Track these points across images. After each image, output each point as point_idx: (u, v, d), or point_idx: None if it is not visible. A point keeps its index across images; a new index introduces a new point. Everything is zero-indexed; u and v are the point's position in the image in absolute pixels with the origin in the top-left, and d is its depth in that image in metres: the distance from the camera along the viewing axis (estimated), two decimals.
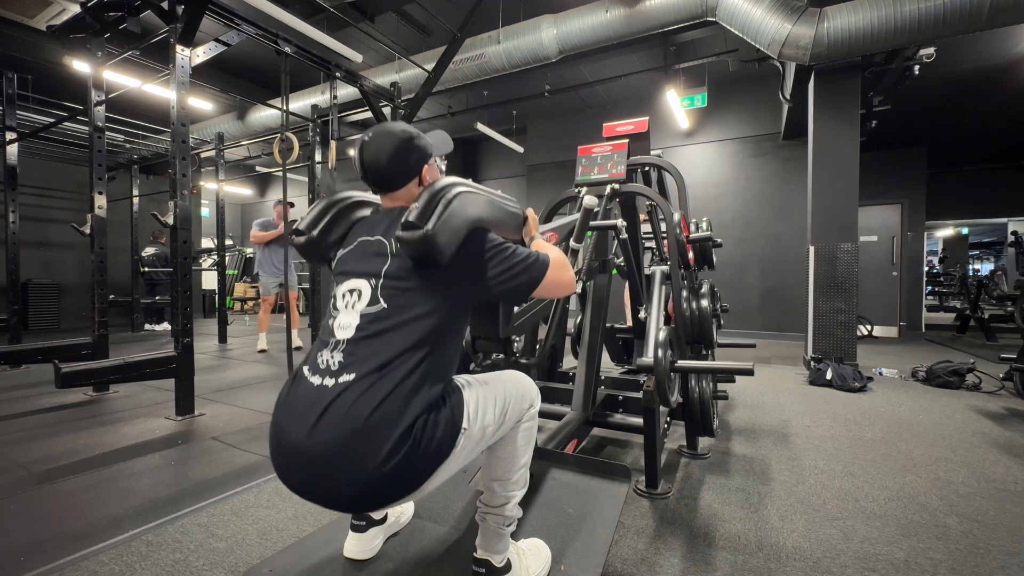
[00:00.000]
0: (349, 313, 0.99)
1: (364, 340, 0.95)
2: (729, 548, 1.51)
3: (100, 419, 2.82)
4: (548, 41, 4.83)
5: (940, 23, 3.55)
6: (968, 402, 3.29)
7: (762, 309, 6.77)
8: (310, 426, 0.90)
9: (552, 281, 1.08)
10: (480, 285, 1.03)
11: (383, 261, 1.01)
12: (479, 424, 1.00)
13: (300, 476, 0.93)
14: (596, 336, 2.11)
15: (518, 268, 1.04)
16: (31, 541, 1.52)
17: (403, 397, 0.91)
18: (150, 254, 7.15)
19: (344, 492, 0.89)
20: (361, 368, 0.92)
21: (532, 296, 1.10)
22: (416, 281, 0.98)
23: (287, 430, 0.94)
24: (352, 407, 0.89)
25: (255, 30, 3.27)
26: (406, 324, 0.96)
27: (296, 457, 0.92)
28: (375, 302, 0.98)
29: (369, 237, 1.07)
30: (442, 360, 0.99)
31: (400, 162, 1.07)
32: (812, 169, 4.44)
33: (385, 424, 0.88)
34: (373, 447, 0.87)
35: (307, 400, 0.94)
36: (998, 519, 1.71)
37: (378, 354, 0.93)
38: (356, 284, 1.02)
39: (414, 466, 0.90)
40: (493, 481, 1.10)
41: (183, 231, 2.83)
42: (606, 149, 2.20)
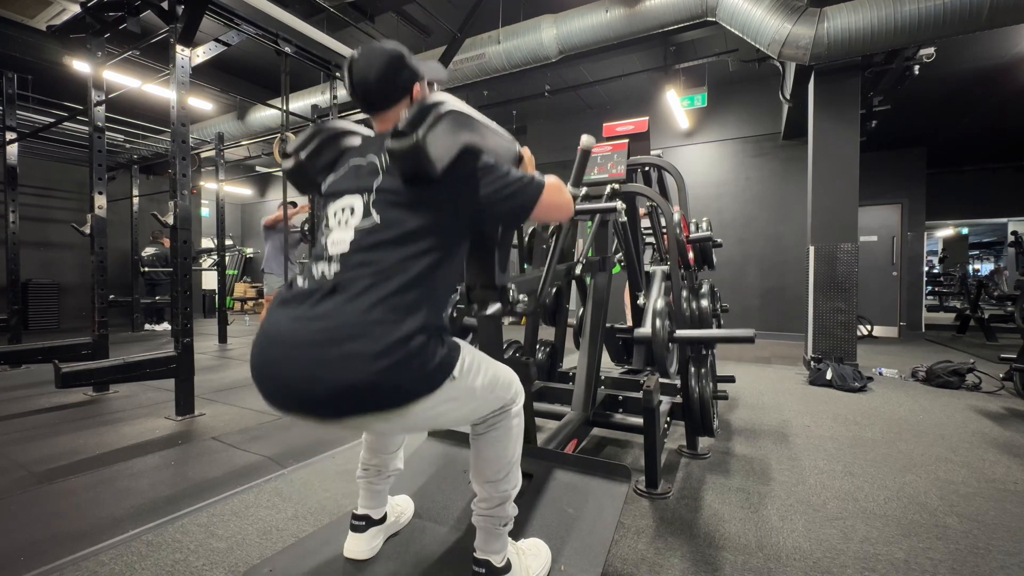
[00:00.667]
0: (343, 230, 0.98)
1: (359, 252, 0.94)
2: (729, 548, 1.51)
3: (100, 419, 2.82)
4: (548, 41, 4.83)
5: (940, 23, 3.55)
6: (968, 402, 3.29)
7: (762, 309, 6.77)
8: (302, 313, 0.91)
9: (548, 202, 1.05)
10: (474, 204, 1.00)
11: (375, 177, 0.99)
12: (467, 382, 0.99)
13: (281, 365, 0.90)
14: (596, 336, 2.10)
15: (513, 187, 1.01)
16: (31, 541, 1.52)
17: (400, 308, 0.90)
18: (150, 254, 7.15)
19: (325, 384, 0.86)
20: (358, 272, 0.92)
21: (530, 219, 1.06)
22: (409, 196, 0.96)
23: (276, 322, 0.94)
24: (349, 302, 0.89)
25: (255, 30, 3.27)
26: (401, 239, 0.94)
27: (283, 344, 0.91)
28: (368, 216, 0.96)
29: (360, 159, 1.05)
30: (438, 289, 0.98)
31: (389, 79, 1.04)
32: (812, 169, 4.44)
33: (381, 326, 0.88)
34: (367, 343, 0.86)
35: (300, 297, 0.94)
36: (998, 519, 1.71)
37: (375, 263, 0.92)
38: (348, 201, 1.00)
39: (401, 379, 0.88)
40: (484, 483, 1.10)
41: (183, 231, 2.83)
42: (606, 149, 2.20)
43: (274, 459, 2.20)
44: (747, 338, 1.71)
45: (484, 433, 1.10)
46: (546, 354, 2.71)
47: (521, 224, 1.08)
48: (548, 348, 2.73)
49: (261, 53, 6.16)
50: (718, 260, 3.35)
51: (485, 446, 1.10)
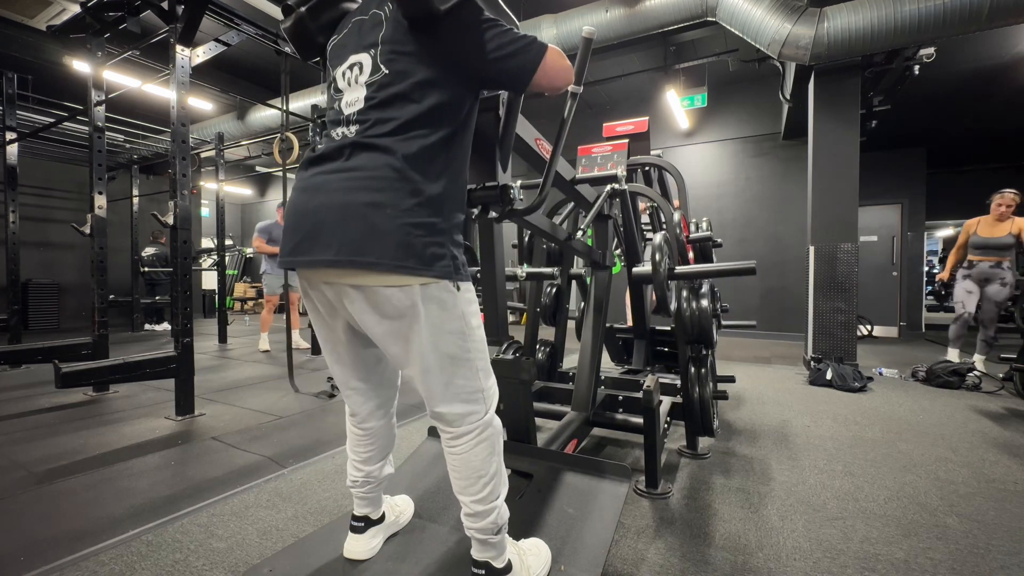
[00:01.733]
0: (355, 89, 0.98)
1: (375, 108, 0.95)
2: (729, 548, 1.51)
3: (100, 419, 2.82)
4: (548, 41, 4.81)
5: (940, 23, 3.55)
6: (968, 402, 3.29)
7: (762, 309, 6.77)
8: (335, 166, 0.95)
9: (552, 64, 1.01)
10: (477, 58, 0.97)
11: (379, 29, 0.97)
12: (463, 307, 1.01)
13: (315, 212, 0.94)
14: (596, 336, 2.11)
15: (516, 45, 0.97)
16: (31, 541, 1.52)
17: (423, 170, 0.93)
18: (150, 254, 7.16)
19: (354, 224, 0.90)
20: (381, 129, 0.94)
21: (531, 88, 1.03)
22: (414, 45, 0.95)
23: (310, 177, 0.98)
24: (377, 157, 0.92)
25: (255, 30, 3.27)
26: (411, 91, 0.94)
27: (316, 191, 0.95)
28: (377, 70, 0.96)
29: (363, 16, 1.02)
30: (458, 160, 1.00)
31: None
32: (812, 169, 4.44)
33: (407, 182, 0.92)
34: (395, 197, 0.91)
35: (327, 156, 0.97)
36: (998, 519, 1.71)
37: (395, 118, 0.93)
38: (356, 58, 0.99)
39: (421, 242, 0.92)
40: (468, 499, 1.06)
41: (183, 231, 2.83)
42: (606, 149, 2.20)
43: (274, 459, 2.20)
44: (748, 269, 1.72)
45: (458, 447, 1.05)
46: (546, 354, 2.71)
47: (525, 88, 1.02)
48: (548, 348, 2.73)
49: (261, 53, 6.16)
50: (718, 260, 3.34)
51: (463, 463, 1.05)
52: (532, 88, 1.03)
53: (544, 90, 1.05)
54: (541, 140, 1.46)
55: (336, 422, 2.75)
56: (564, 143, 1.22)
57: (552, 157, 1.24)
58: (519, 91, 1.08)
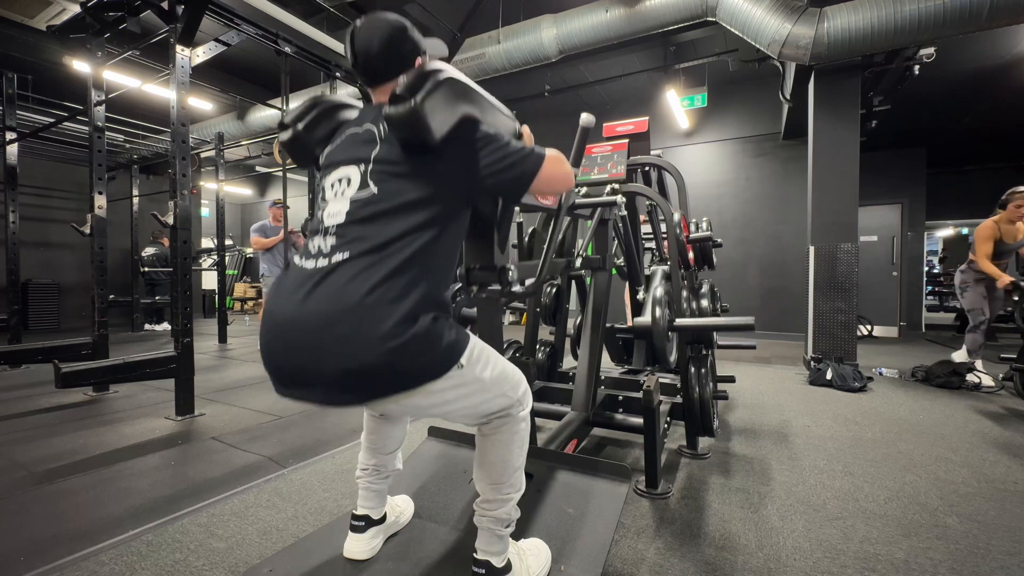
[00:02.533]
0: (339, 201, 0.96)
1: (356, 224, 0.92)
2: (729, 548, 1.51)
3: (100, 419, 2.82)
4: (548, 41, 4.83)
5: (940, 23, 3.55)
6: (968, 402, 3.29)
7: (762, 309, 6.77)
8: (302, 297, 0.88)
9: (549, 174, 1.02)
10: (473, 174, 0.97)
11: (372, 147, 0.97)
12: (475, 371, 0.98)
13: (287, 348, 0.90)
14: (596, 336, 2.10)
15: (514, 157, 0.98)
16: (31, 541, 1.52)
17: (402, 286, 0.88)
18: (150, 254, 7.15)
19: (334, 366, 0.85)
20: (356, 248, 0.90)
21: (530, 192, 1.03)
22: (407, 167, 0.94)
23: (279, 307, 0.92)
24: (349, 283, 0.87)
25: (255, 30, 3.27)
26: (399, 211, 0.92)
27: (286, 329, 0.89)
28: (365, 187, 0.94)
29: (357, 128, 1.03)
30: (438, 267, 0.96)
31: (392, 50, 1.02)
32: (812, 169, 4.44)
33: (383, 305, 0.86)
34: (373, 324, 0.85)
35: (299, 279, 0.92)
36: (998, 519, 1.71)
37: (372, 237, 0.90)
38: (345, 172, 0.98)
39: (411, 358, 0.87)
40: (488, 485, 1.09)
41: (183, 231, 2.83)
42: (606, 149, 2.20)
43: (274, 459, 2.20)
44: (747, 325, 1.71)
45: (490, 435, 1.09)
46: (546, 354, 2.71)
47: (522, 196, 1.03)
48: (548, 348, 2.73)
49: (261, 53, 6.16)
50: (718, 260, 3.34)
51: (491, 448, 1.09)
52: (530, 194, 1.04)
53: (543, 196, 1.06)
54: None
55: (336, 422, 2.75)
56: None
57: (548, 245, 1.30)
58: (515, 201, 1.11)
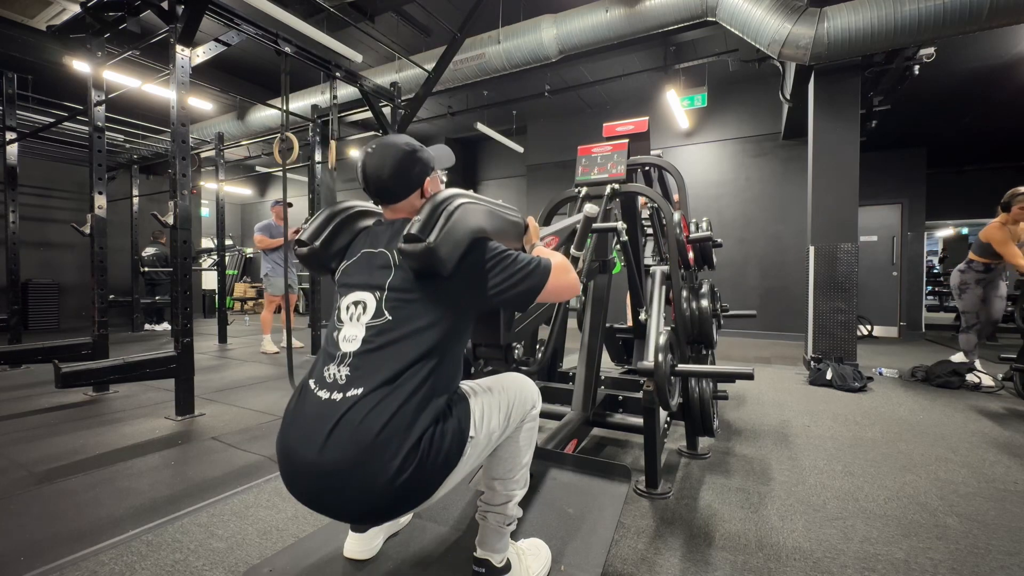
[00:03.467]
0: (354, 326, 1.00)
1: (370, 353, 0.96)
2: (729, 548, 1.51)
3: (100, 419, 2.82)
4: (548, 41, 4.83)
5: (940, 23, 3.55)
6: (968, 402, 3.29)
7: (762, 309, 6.76)
8: (320, 442, 0.90)
9: (555, 285, 1.08)
10: (483, 294, 1.03)
11: (387, 273, 1.02)
12: (485, 431, 1.02)
13: (310, 490, 0.93)
14: (596, 336, 2.11)
15: (521, 275, 1.04)
16: (31, 541, 1.52)
17: (411, 412, 0.91)
18: (150, 254, 7.15)
19: (354, 507, 0.91)
20: (369, 382, 0.93)
21: (536, 301, 1.11)
22: (419, 293, 0.99)
23: (296, 447, 0.94)
24: (362, 423, 0.89)
25: (255, 30, 3.27)
26: (411, 336, 0.97)
27: (306, 473, 0.93)
28: (380, 315, 0.99)
29: (372, 249, 1.08)
30: (448, 370, 1.00)
31: (402, 174, 1.07)
32: (812, 169, 4.44)
33: (394, 439, 0.89)
34: (383, 463, 0.87)
35: (315, 415, 0.94)
36: (998, 519, 1.71)
37: (385, 367, 0.94)
38: (360, 296, 1.03)
39: (423, 479, 0.91)
40: (494, 480, 1.11)
41: (183, 231, 2.83)
42: (606, 149, 2.20)
43: (274, 459, 2.20)
44: (747, 375, 1.73)
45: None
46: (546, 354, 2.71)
47: (528, 307, 1.13)
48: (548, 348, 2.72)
49: (261, 53, 6.16)
50: (718, 260, 3.34)
51: (502, 445, 1.12)
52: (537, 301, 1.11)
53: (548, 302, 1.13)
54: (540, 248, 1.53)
55: None
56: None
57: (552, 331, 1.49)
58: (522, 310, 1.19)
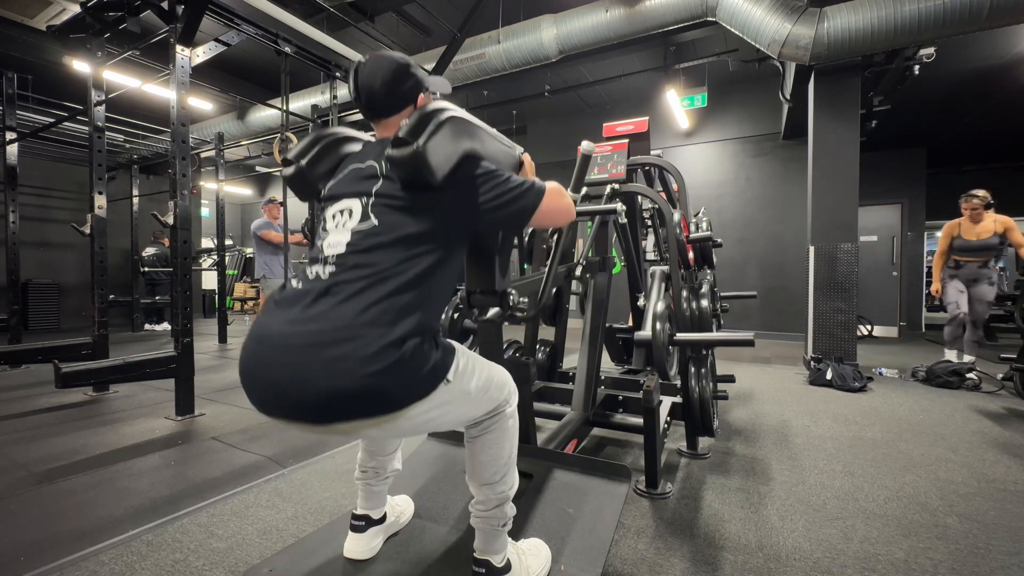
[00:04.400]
0: (340, 232, 0.98)
1: (355, 254, 0.94)
2: (729, 548, 1.51)
3: (100, 419, 2.82)
4: (548, 41, 4.83)
5: (940, 23, 3.55)
6: (968, 402, 3.29)
7: (762, 309, 6.77)
8: (296, 314, 0.90)
9: (549, 207, 1.05)
10: (474, 210, 1.00)
11: (374, 182, 0.99)
12: (461, 385, 0.99)
13: (271, 368, 0.89)
14: (596, 336, 2.10)
15: (514, 193, 1.01)
16: (31, 541, 1.52)
17: (394, 311, 0.89)
18: (150, 254, 7.15)
19: (315, 388, 0.85)
20: (354, 273, 0.92)
21: (530, 225, 1.06)
22: (408, 202, 0.96)
23: (269, 323, 0.93)
24: (343, 303, 0.88)
25: (255, 30, 3.27)
26: (398, 242, 0.94)
27: (274, 346, 0.89)
28: (366, 219, 0.97)
29: (360, 164, 1.05)
30: (435, 292, 0.98)
31: (394, 87, 1.04)
32: (812, 169, 4.44)
33: (374, 328, 0.87)
34: (359, 346, 0.85)
35: (293, 297, 0.94)
36: (998, 519, 1.71)
37: (370, 266, 0.92)
38: (347, 204, 1.00)
39: (394, 384, 0.88)
40: (481, 485, 1.10)
41: (183, 231, 2.83)
42: (606, 149, 2.20)
43: (274, 459, 2.20)
44: (747, 341, 1.71)
45: (479, 436, 1.10)
46: (546, 354, 2.71)
47: (521, 229, 1.08)
48: (548, 348, 2.73)
49: (261, 53, 6.16)
50: (718, 260, 3.34)
51: (480, 449, 1.09)
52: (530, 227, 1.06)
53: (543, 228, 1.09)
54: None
55: None
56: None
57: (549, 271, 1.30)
58: (516, 233, 1.13)
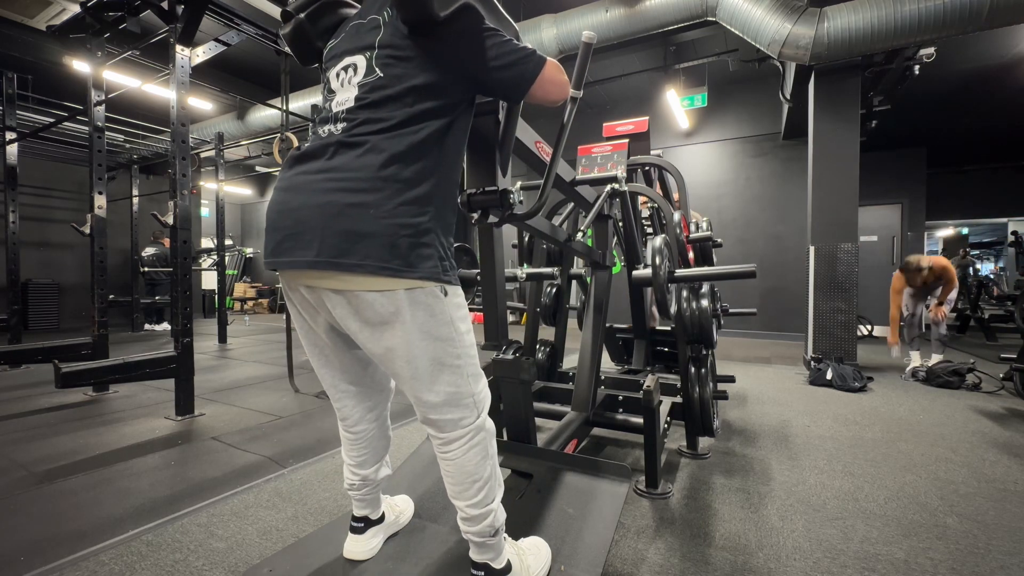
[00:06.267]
0: (347, 89, 0.97)
1: (365, 107, 0.94)
2: (729, 548, 1.51)
3: (100, 419, 2.82)
4: (548, 41, 4.83)
5: (940, 23, 3.55)
6: (968, 402, 3.29)
7: (762, 309, 6.76)
8: (319, 165, 0.92)
9: (549, 77, 1.01)
10: (476, 65, 0.96)
11: (376, 33, 0.97)
12: (452, 311, 0.99)
13: (297, 211, 0.92)
14: (596, 336, 2.10)
15: (515, 55, 0.97)
16: (31, 541, 1.52)
17: (416, 169, 0.92)
18: (150, 254, 7.15)
19: (337, 225, 0.88)
20: (368, 128, 0.92)
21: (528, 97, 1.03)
22: (412, 51, 0.94)
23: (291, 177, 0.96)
24: (362, 156, 0.90)
25: (255, 30, 3.27)
26: (406, 95, 0.93)
27: (299, 191, 0.93)
28: (371, 72, 0.95)
29: (361, 20, 1.02)
30: (447, 159, 0.97)
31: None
32: (812, 169, 4.44)
33: (395, 182, 0.90)
34: (382, 197, 0.89)
35: (311, 155, 0.96)
36: (998, 519, 1.71)
37: (382, 120, 0.92)
38: (351, 60, 0.99)
39: (399, 240, 0.89)
40: (463, 503, 1.05)
41: (183, 231, 2.83)
42: (606, 149, 2.20)
43: (274, 459, 2.20)
44: (748, 273, 1.70)
45: (451, 453, 1.04)
46: (546, 354, 2.71)
47: (522, 97, 1.02)
48: (548, 348, 2.73)
49: (261, 53, 6.16)
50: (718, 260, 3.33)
51: (457, 469, 1.04)
52: (528, 99, 1.03)
53: (540, 101, 1.05)
54: (541, 143, 1.45)
55: (336, 422, 2.74)
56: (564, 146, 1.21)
57: (552, 161, 1.23)
58: (515, 101, 1.08)
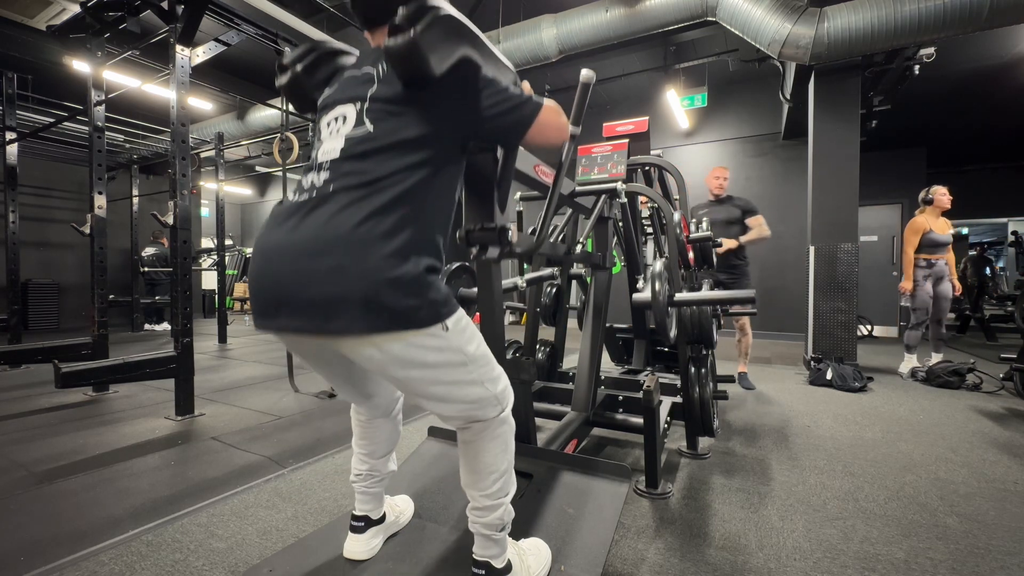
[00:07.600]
0: (334, 139, 0.95)
1: (350, 160, 0.91)
2: (729, 548, 1.51)
3: (100, 419, 2.82)
4: (548, 41, 4.83)
5: (940, 23, 3.55)
6: (968, 402, 3.29)
7: (762, 309, 6.75)
8: (292, 226, 0.89)
9: (546, 121, 1.02)
10: (472, 115, 0.96)
11: (370, 86, 0.96)
12: (459, 340, 0.95)
13: (275, 274, 0.89)
14: (596, 336, 2.10)
15: (512, 102, 0.98)
16: (31, 541, 1.52)
17: (392, 222, 0.87)
18: (150, 254, 7.16)
19: (318, 292, 0.85)
20: (348, 181, 0.90)
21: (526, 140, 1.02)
22: (405, 105, 0.93)
23: (269, 237, 0.93)
24: (339, 213, 0.87)
25: (255, 30, 3.28)
26: (394, 148, 0.91)
27: (274, 256, 0.90)
28: (361, 124, 0.93)
29: (356, 71, 1.02)
30: (432, 207, 0.94)
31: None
32: (812, 169, 4.44)
33: (373, 239, 0.86)
34: (361, 256, 0.85)
35: (290, 209, 0.93)
36: (998, 519, 1.71)
37: (365, 172, 0.89)
38: (341, 110, 0.97)
39: (397, 297, 0.86)
40: (477, 493, 1.06)
41: (183, 231, 2.83)
42: (606, 149, 2.20)
43: (274, 459, 2.20)
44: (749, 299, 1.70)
45: (472, 441, 1.05)
46: (546, 354, 2.71)
47: (518, 143, 1.02)
48: (548, 348, 2.73)
49: (261, 53, 6.16)
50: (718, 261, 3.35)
51: (474, 456, 1.05)
52: (527, 143, 1.02)
53: (538, 146, 1.05)
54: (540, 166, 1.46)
55: (336, 422, 2.75)
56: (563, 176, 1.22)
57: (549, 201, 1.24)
58: (511, 147, 1.09)
